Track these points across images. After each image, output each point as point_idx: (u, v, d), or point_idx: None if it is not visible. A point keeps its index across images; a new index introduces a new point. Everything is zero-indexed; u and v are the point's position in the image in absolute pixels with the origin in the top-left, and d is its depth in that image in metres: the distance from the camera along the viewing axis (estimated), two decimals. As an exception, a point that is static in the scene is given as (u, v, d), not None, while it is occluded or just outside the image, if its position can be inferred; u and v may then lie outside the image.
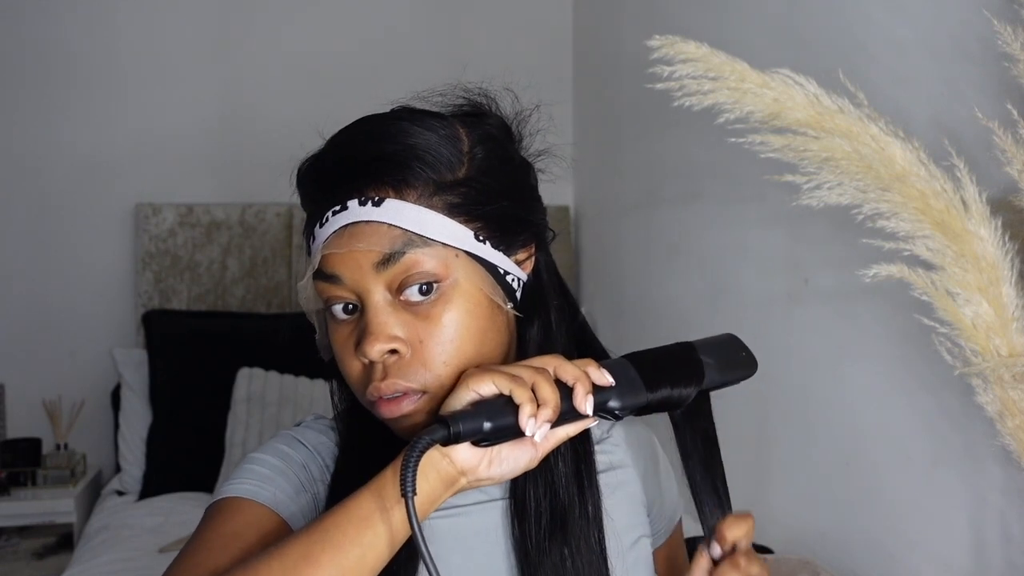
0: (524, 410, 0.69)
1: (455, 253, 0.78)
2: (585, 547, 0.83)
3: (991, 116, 1.14)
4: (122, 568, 2.08)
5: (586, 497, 0.84)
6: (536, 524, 0.82)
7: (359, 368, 0.79)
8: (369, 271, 0.77)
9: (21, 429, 2.79)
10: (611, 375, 0.75)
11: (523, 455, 0.73)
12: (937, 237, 1.10)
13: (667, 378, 0.78)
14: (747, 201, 2.07)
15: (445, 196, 0.78)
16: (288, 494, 0.82)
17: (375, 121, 0.81)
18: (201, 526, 0.80)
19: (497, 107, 0.88)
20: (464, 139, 0.81)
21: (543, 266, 0.87)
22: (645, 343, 0.83)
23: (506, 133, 0.87)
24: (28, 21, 2.87)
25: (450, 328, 0.77)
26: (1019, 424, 1.11)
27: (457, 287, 0.78)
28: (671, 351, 0.81)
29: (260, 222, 2.95)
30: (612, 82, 2.89)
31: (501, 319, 0.81)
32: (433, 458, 0.71)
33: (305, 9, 3.07)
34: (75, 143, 2.90)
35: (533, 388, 0.71)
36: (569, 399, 0.72)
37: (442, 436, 0.69)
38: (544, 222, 0.87)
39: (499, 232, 0.80)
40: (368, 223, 0.77)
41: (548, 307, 0.85)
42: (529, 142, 0.89)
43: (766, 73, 1.10)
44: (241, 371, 2.61)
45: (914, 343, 1.48)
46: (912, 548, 1.58)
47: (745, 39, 2.02)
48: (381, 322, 0.77)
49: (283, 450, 0.86)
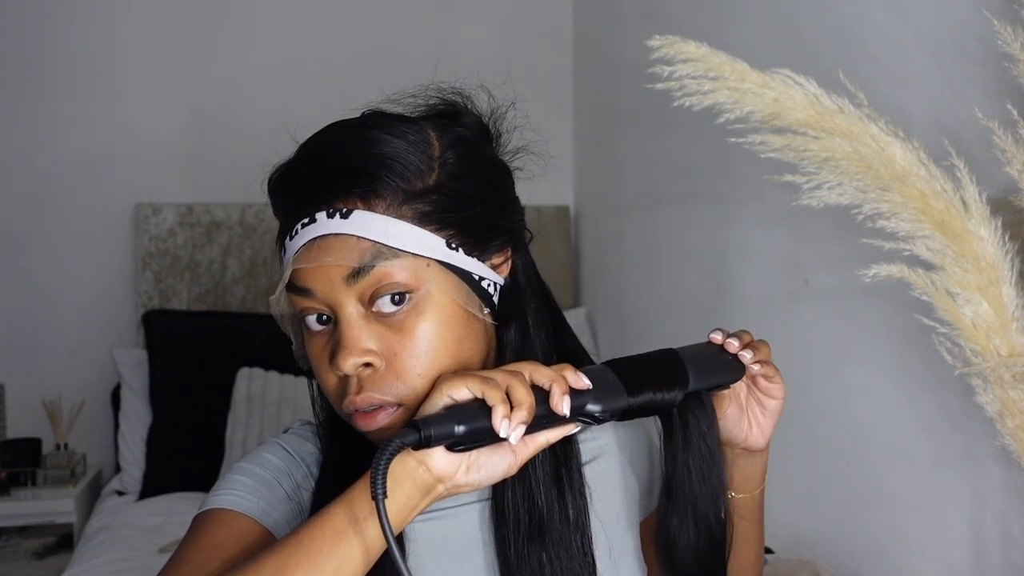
0: (497, 411, 0.69)
1: (426, 263, 0.77)
2: (566, 552, 0.82)
3: (991, 116, 1.14)
4: (122, 568, 2.08)
5: (566, 501, 0.83)
6: (515, 529, 0.81)
7: (335, 381, 0.79)
8: (340, 284, 0.76)
9: (21, 429, 2.79)
10: (589, 379, 0.75)
11: (501, 461, 0.73)
12: (937, 237, 1.10)
13: (648, 382, 0.77)
14: (747, 201, 2.07)
15: (415, 205, 0.76)
16: (272, 503, 0.82)
17: (343, 129, 0.80)
18: (185, 539, 0.80)
19: (473, 105, 0.87)
20: (435, 143, 0.79)
21: (520, 268, 0.85)
22: (645, 343, 0.83)
23: (482, 133, 0.86)
24: (28, 21, 2.86)
25: (424, 340, 0.76)
26: (1019, 424, 1.11)
27: (430, 297, 0.77)
28: (652, 357, 0.81)
29: (260, 222, 2.95)
30: (612, 82, 2.89)
31: (478, 326, 0.80)
32: (408, 466, 0.70)
33: (306, 8, 3.07)
34: (75, 143, 2.90)
35: (507, 391, 0.71)
36: (546, 403, 0.72)
37: (413, 440, 0.68)
38: (521, 223, 0.86)
39: (472, 238, 0.79)
40: (337, 236, 0.76)
41: (525, 310, 0.84)
42: (507, 139, 0.88)
43: (766, 73, 1.10)
44: (241, 371, 2.61)
45: (914, 343, 1.48)
46: (912, 548, 1.58)
47: (745, 39, 2.02)
48: (354, 335, 0.76)
49: (268, 459, 0.86)
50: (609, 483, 0.92)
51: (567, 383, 0.73)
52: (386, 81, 0.90)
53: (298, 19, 3.06)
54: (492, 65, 1.04)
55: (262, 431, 2.51)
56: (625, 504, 0.94)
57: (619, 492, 0.93)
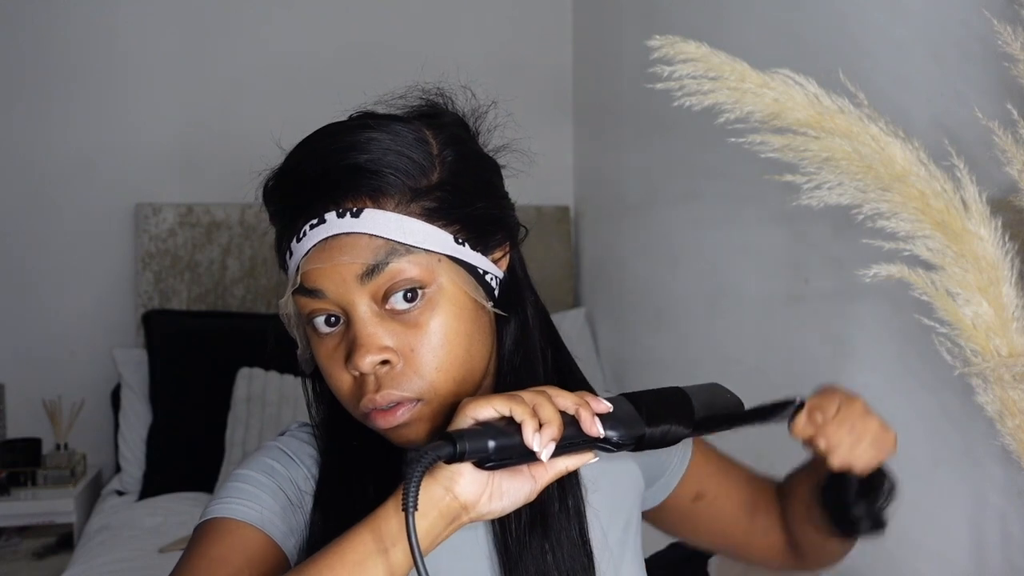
0: (527, 426, 0.68)
1: (437, 258, 0.77)
2: (567, 541, 0.82)
3: (991, 116, 1.14)
4: (122, 568, 2.08)
5: (566, 492, 0.83)
6: (516, 518, 0.81)
7: (349, 381, 0.78)
8: (353, 283, 0.76)
9: (21, 429, 2.79)
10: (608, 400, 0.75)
11: (523, 487, 0.72)
12: (937, 237, 1.10)
13: (663, 414, 0.77)
14: (747, 201, 2.07)
15: (422, 202, 0.77)
16: (276, 512, 0.82)
17: (341, 130, 0.80)
18: (188, 550, 0.79)
19: (453, 105, 0.87)
20: (432, 141, 0.80)
21: (516, 263, 0.86)
22: (645, 343, 0.84)
23: (464, 130, 0.86)
24: (28, 21, 2.86)
25: (439, 333, 0.77)
26: (1019, 424, 1.11)
27: (442, 292, 0.77)
28: (663, 392, 0.80)
29: (260, 222, 2.95)
30: (612, 82, 2.89)
31: (485, 320, 0.81)
32: (435, 495, 0.69)
33: (306, 9, 3.07)
34: (75, 143, 2.90)
35: (535, 409, 0.70)
36: (573, 425, 0.72)
37: (448, 453, 0.67)
38: (515, 219, 0.87)
39: (476, 233, 0.80)
40: (348, 235, 0.76)
41: (525, 303, 0.85)
42: (487, 138, 0.88)
43: (766, 73, 1.10)
44: (241, 371, 2.60)
45: (914, 343, 1.48)
46: (912, 548, 1.58)
47: (745, 39, 2.02)
48: (370, 333, 0.76)
49: (269, 464, 0.85)
50: (609, 478, 0.92)
51: (592, 409, 0.73)
52: (386, 82, 0.90)
53: (299, 18, 3.06)
54: (492, 65, 1.03)
55: (262, 431, 2.51)
56: (626, 499, 0.94)
57: (620, 487, 0.94)
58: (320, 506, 0.83)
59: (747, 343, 2.12)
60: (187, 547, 0.80)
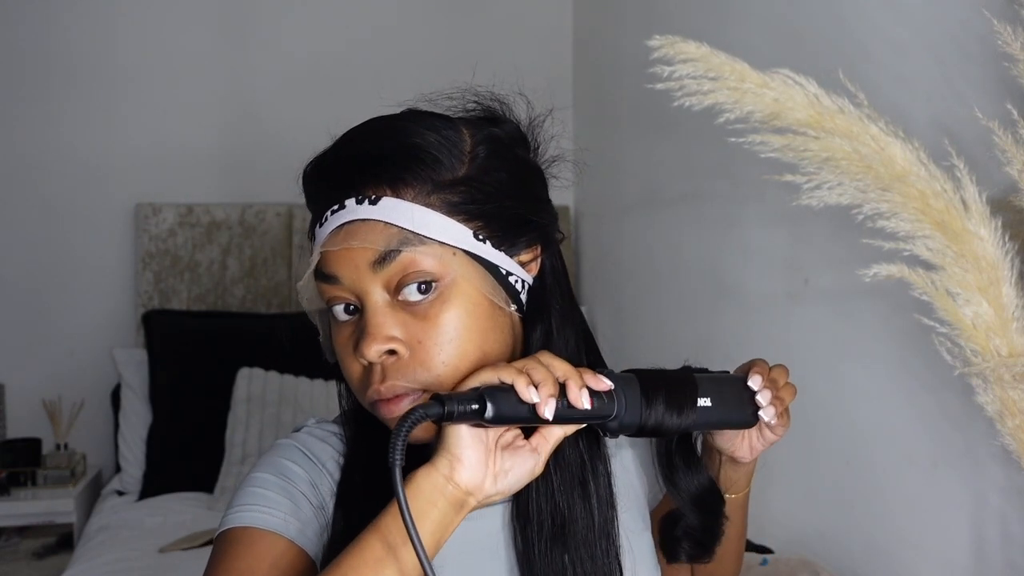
0: (519, 381, 0.70)
1: (452, 252, 0.77)
2: (589, 556, 0.81)
3: (991, 116, 1.14)
4: (122, 568, 2.08)
5: (591, 505, 0.82)
6: (538, 530, 0.81)
7: (359, 370, 0.79)
8: (366, 270, 0.76)
9: (21, 429, 2.79)
10: (611, 380, 0.75)
11: (526, 463, 0.73)
12: (937, 237, 1.10)
13: (666, 401, 0.77)
14: (747, 201, 2.07)
15: (444, 195, 0.77)
16: (298, 516, 0.81)
17: (379, 121, 0.81)
18: (212, 564, 0.78)
19: (511, 112, 0.87)
20: (467, 139, 0.80)
21: (548, 269, 0.85)
22: (645, 343, 0.84)
23: (520, 140, 0.86)
24: (28, 22, 2.87)
25: (449, 328, 0.76)
26: (1019, 424, 1.11)
27: (456, 286, 0.77)
28: (675, 374, 0.81)
29: (260, 222, 2.95)
30: (612, 82, 2.89)
31: (504, 320, 0.81)
32: (438, 484, 0.70)
33: (304, 11, 3.07)
34: (75, 144, 2.90)
35: (528, 373, 0.72)
36: (564, 396, 0.72)
37: (436, 412, 0.68)
38: (553, 225, 0.87)
39: (500, 232, 0.80)
40: (364, 221, 0.76)
41: (550, 311, 0.84)
42: (544, 148, 0.89)
43: (766, 73, 1.10)
44: (241, 371, 2.61)
45: (914, 343, 1.48)
46: (912, 548, 1.58)
47: (745, 39, 2.02)
48: (379, 323, 0.76)
49: (288, 467, 0.84)
50: (623, 481, 0.92)
51: (582, 379, 0.73)
52: (384, 83, 0.90)
53: (297, 20, 3.06)
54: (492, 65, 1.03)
55: (262, 431, 2.51)
56: (640, 502, 0.94)
57: (634, 490, 0.94)
58: (342, 497, 0.83)
59: (747, 343, 2.12)
60: (210, 560, 0.79)
